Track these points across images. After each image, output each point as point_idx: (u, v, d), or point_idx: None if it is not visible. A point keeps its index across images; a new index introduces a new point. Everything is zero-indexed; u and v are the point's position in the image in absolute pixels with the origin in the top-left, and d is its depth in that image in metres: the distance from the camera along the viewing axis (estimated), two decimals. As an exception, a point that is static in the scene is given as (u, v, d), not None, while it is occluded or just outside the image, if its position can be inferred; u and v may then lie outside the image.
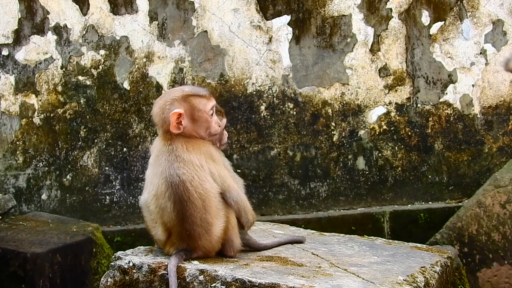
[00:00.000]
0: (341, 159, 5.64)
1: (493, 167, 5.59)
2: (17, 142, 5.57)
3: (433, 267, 3.42)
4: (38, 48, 5.59)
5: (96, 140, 5.60)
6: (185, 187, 3.08)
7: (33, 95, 5.58)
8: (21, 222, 4.93)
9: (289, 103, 5.62)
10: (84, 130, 5.60)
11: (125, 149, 5.61)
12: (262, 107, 5.58)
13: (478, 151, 5.66)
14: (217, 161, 3.21)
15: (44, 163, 5.58)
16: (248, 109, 5.57)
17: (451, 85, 5.64)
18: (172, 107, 3.19)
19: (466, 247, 4.89)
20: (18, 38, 5.57)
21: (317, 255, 3.43)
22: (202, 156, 3.16)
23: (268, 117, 5.60)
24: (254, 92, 5.56)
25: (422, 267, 3.36)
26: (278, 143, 5.62)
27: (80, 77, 5.60)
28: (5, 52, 5.56)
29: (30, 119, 5.58)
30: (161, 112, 3.22)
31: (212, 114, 3.28)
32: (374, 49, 5.63)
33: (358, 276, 3.10)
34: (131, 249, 3.36)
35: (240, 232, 3.28)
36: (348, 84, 5.63)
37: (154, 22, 5.62)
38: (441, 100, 5.64)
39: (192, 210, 3.08)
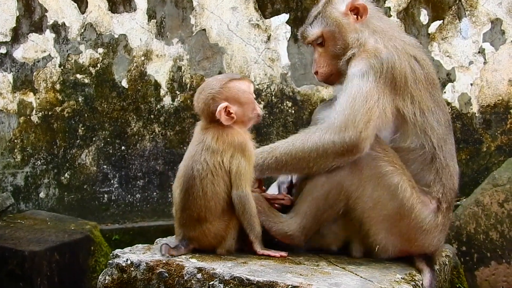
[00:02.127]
0: (339, 158, 5.63)
1: (491, 166, 5.59)
2: (15, 140, 5.57)
3: (431, 265, 3.42)
4: (36, 46, 5.58)
5: (94, 138, 5.60)
6: (194, 182, 3.11)
7: (31, 93, 5.57)
8: (19, 221, 4.93)
9: (287, 102, 5.62)
10: (82, 128, 5.60)
11: (123, 147, 5.60)
12: (261, 106, 5.57)
13: (476, 150, 5.66)
14: (247, 156, 3.16)
15: (42, 161, 5.58)
16: (246, 108, 5.56)
17: (449, 84, 5.64)
18: (214, 101, 3.17)
19: (464, 245, 4.89)
20: (16, 36, 5.56)
21: (315, 253, 3.42)
22: (231, 149, 3.14)
23: (267, 115, 5.60)
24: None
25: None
26: (276, 141, 5.60)
27: (78, 75, 5.60)
28: (3, 50, 5.55)
29: (28, 117, 5.57)
30: (207, 107, 3.19)
31: (253, 97, 3.28)
32: (372, 48, 5.62)
33: (356, 274, 3.10)
34: (129, 247, 3.35)
35: None
36: (346, 83, 5.62)
37: (152, 20, 5.61)
38: (439, 99, 5.63)
39: (192, 204, 3.11)
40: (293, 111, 5.61)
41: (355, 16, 3.42)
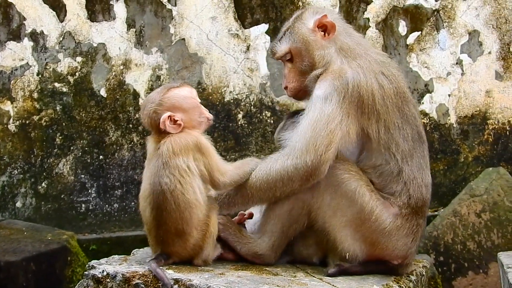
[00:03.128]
0: (318, 168, 5.64)
1: (469, 176, 5.63)
2: (-8, 149, 5.53)
3: (408, 276, 3.43)
4: (14, 55, 5.54)
5: (72, 148, 5.56)
6: (165, 197, 3.08)
7: (9, 102, 5.53)
8: (-6, 230, 4.89)
9: (266, 112, 5.63)
10: (60, 137, 5.56)
11: (101, 157, 5.57)
12: (240, 116, 5.57)
13: (454, 160, 5.70)
14: (205, 152, 3.19)
15: (19, 170, 5.53)
16: (225, 118, 5.56)
17: (427, 95, 5.68)
18: (157, 114, 3.19)
19: (442, 256, 4.92)
20: (-6, 44, 5.53)
21: (293, 264, 3.42)
22: (190, 154, 3.15)
23: (246, 125, 5.60)
24: (232, 101, 5.56)
25: (397, 276, 3.36)
26: (256, 151, 5.61)
27: (56, 84, 5.57)
28: (-20, 58, 5.52)
29: (5, 126, 5.53)
30: (152, 120, 3.22)
31: (198, 102, 3.29)
32: (351, 58, 5.65)
33: (333, 285, 3.10)
34: (105, 258, 3.33)
35: None
36: (325, 93, 5.64)
37: (131, 29, 5.60)
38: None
39: (168, 219, 3.09)
40: (272, 121, 5.61)
41: (323, 33, 3.42)
